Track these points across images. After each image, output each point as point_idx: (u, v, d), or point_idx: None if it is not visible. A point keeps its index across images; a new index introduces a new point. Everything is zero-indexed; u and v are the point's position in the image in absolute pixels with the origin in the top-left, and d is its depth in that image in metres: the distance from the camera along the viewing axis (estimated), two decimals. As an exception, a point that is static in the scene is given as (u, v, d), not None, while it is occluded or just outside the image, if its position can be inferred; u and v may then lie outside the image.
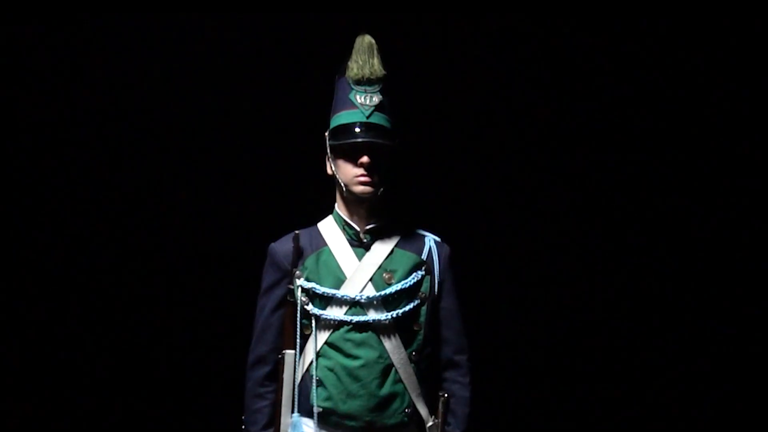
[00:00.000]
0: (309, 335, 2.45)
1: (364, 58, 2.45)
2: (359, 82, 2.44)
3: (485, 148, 3.61)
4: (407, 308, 2.45)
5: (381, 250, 2.49)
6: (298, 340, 2.44)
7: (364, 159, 2.40)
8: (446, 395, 2.52)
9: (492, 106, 3.61)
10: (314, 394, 2.42)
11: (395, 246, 2.50)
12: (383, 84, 2.47)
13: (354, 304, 2.43)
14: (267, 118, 3.53)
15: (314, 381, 2.43)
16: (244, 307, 2.63)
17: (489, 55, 3.58)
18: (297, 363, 2.45)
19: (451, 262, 2.56)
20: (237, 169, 3.56)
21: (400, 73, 2.57)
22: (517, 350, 3.61)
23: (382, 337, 2.42)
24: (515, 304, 3.63)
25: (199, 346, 3.55)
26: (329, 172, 2.52)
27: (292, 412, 2.46)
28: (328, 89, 2.55)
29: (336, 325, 2.44)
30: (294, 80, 3.47)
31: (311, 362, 2.45)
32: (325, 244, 2.50)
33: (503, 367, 3.51)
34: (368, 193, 2.43)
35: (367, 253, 2.48)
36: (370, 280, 2.45)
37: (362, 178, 2.42)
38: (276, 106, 3.52)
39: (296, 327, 2.45)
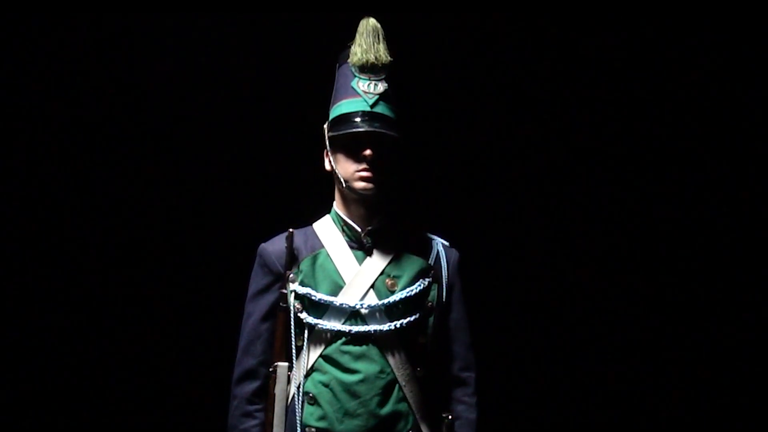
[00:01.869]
0: (302, 346, 2.31)
1: (368, 42, 2.33)
2: (363, 68, 2.32)
3: (497, 145, 3.50)
4: (412, 318, 2.30)
5: (383, 253, 2.34)
6: (293, 351, 2.29)
7: (367, 152, 2.26)
8: (450, 417, 2.37)
9: (504, 102, 3.51)
10: (306, 412, 2.26)
11: (399, 249, 2.36)
12: (389, 72, 2.34)
13: (353, 314, 2.28)
14: (259, 109, 3.41)
15: (306, 398, 2.28)
16: (231, 315, 2.51)
17: (503, 48, 3.49)
18: (291, 377, 2.30)
19: (460, 269, 2.43)
20: (225, 164, 3.43)
21: (408, 63, 2.47)
22: (529, 367, 3.49)
23: (384, 350, 2.28)
24: (527, 317, 3.50)
25: (182, 358, 3.41)
26: (327, 167, 2.38)
27: (283, 432, 2.31)
28: (325, 79, 2.44)
29: (332, 336, 2.28)
30: (288, 68, 3.37)
31: (304, 377, 2.29)
32: (322, 246, 2.35)
33: (513, 386, 3.41)
34: (370, 189, 2.28)
35: (369, 257, 2.34)
36: (372, 286, 2.30)
37: (364, 174, 2.27)
38: (269, 96, 3.40)
39: (289, 337, 2.30)
